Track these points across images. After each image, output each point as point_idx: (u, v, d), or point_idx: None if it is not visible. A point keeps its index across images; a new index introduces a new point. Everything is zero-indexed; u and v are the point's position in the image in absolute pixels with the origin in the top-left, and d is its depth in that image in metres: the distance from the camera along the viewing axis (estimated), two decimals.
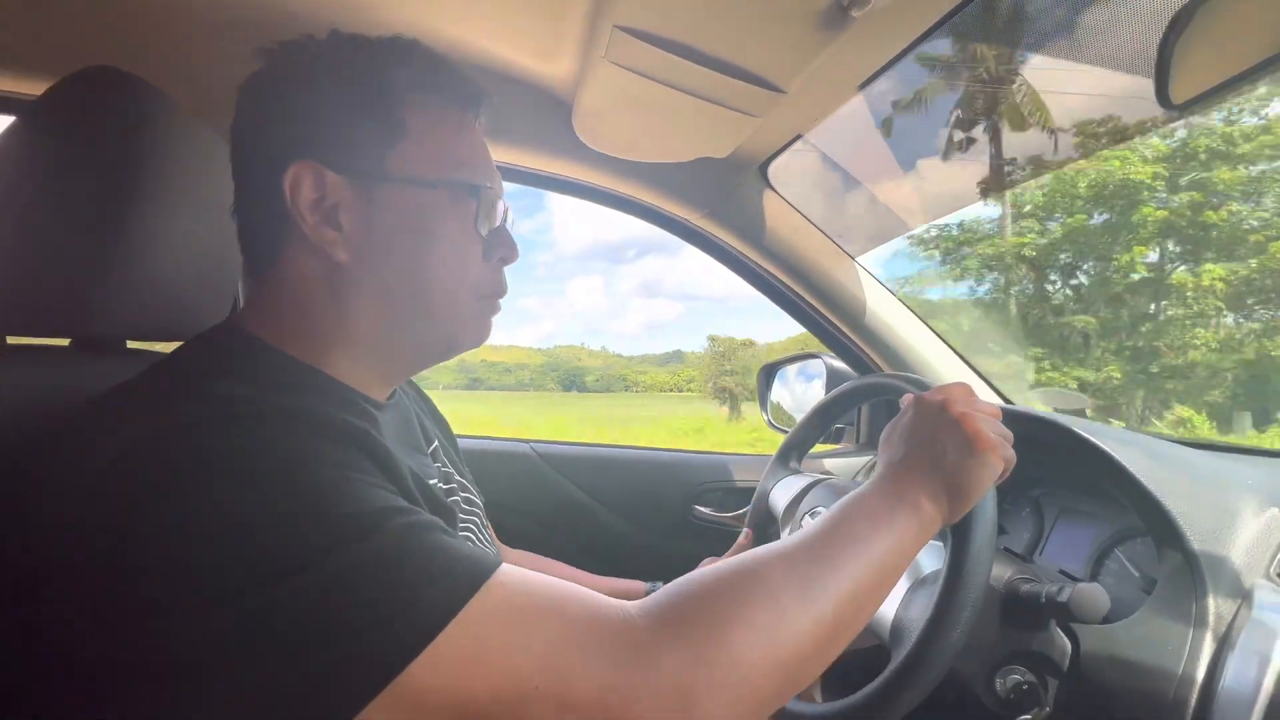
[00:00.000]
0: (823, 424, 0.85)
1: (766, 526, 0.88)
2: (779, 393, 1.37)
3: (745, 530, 0.87)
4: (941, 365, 1.10)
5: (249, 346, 0.47)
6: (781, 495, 0.81)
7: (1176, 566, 0.58)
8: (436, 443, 0.68)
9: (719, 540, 1.22)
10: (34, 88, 0.79)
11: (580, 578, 0.88)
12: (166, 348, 0.67)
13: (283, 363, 0.47)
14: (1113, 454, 0.64)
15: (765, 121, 0.77)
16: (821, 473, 0.80)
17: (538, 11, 0.67)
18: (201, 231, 0.59)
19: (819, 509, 0.71)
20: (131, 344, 0.61)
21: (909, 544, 0.47)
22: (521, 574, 0.38)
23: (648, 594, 0.85)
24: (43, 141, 0.52)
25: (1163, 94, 0.45)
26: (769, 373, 1.36)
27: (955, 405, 0.53)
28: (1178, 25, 0.44)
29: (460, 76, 0.52)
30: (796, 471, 0.83)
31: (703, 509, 1.22)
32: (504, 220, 0.55)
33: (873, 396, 0.69)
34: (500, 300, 0.56)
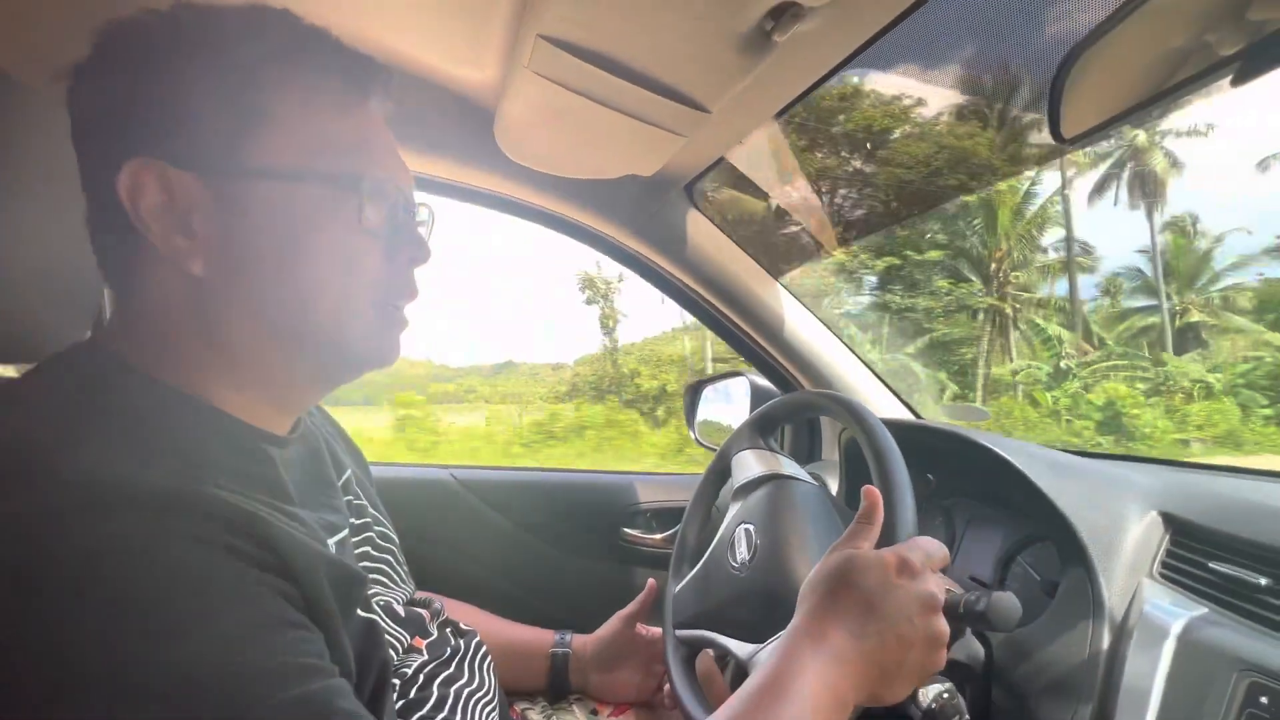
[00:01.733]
0: (794, 416, 0.82)
1: (719, 486, 0.84)
2: (705, 409, 1.38)
3: (649, 583, 0.84)
4: (859, 383, 1.14)
5: (117, 376, 0.40)
6: (743, 469, 0.78)
7: (1075, 569, 0.62)
8: (349, 472, 0.62)
9: (648, 563, 1.20)
10: None
11: (488, 624, 0.83)
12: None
13: (160, 396, 0.41)
14: (1019, 466, 0.67)
15: (690, 141, 0.77)
16: (778, 467, 0.75)
17: (459, 15, 0.64)
18: (56, 234, 0.51)
19: (751, 527, 0.70)
20: None
21: None
22: None
23: (556, 644, 0.82)
24: None
25: (1055, 130, 0.48)
26: (695, 390, 1.37)
27: (923, 586, 0.47)
28: (1066, 66, 0.47)
29: (339, 49, 0.45)
30: (770, 449, 0.78)
31: (631, 531, 1.20)
32: (409, 217, 0.48)
33: (846, 423, 0.65)
34: (407, 308, 0.49)
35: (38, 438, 0.34)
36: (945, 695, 0.63)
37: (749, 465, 0.78)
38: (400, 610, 0.61)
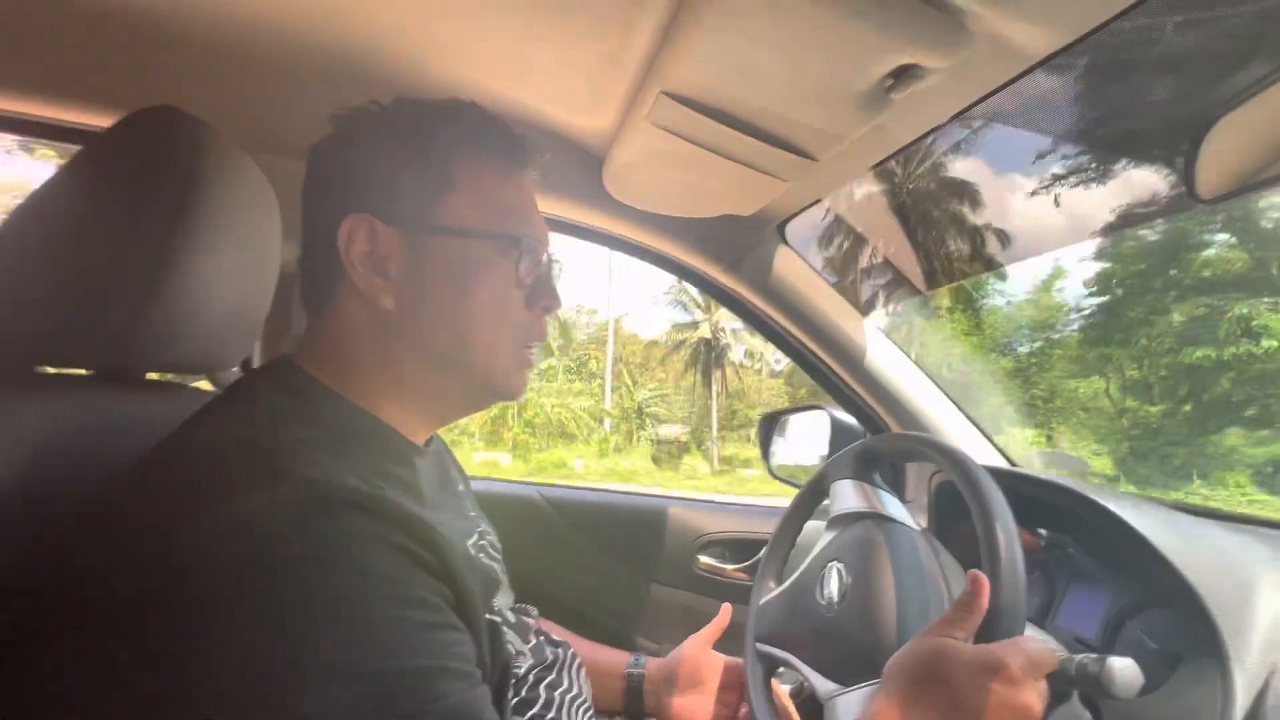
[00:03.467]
0: (900, 456, 0.77)
1: (811, 509, 0.83)
2: (781, 442, 1.37)
3: (724, 608, 0.84)
4: (948, 425, 1.12)
5: (308, 386, 0.48)
6: (841, 499, 0.76)
7: (1201, 644, 0.58)
8: (462, 485, 0.68)
9: (723, 592, 1.21)
10: (100, 119, 0.80)
11: (570, 642, 0.86)
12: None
13: (342, 409, 0.48)
14: (1135, 525, 0.65)
15: (791, 185, 0.80)
16: (878, 505, 0.73)
17: (588, 74, 0.69)
18: (238, 271, 0.59)
19: (843, 566, 0.70)
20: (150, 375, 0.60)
21: None
22: None
23: (631, 665, 0.84)
24: (100, 175, 0.53)
25: (1191, 189, 0.48)
26: (770, 422, 1.37)
27: (1022, 698, 0.44)
28: (1206, 125, 0.47)
29: (508, 133, 0.54)
30: (873, 484, 0.76)
31: (707, 559, 1.21)
32: (548, 270, 0.56)
33: (957, 481, 0.60)
34: (538, 349, 0.57)
35: (261, 441, 0.40)
36: None
37: (849, 496, 0.76)
38: (511, 616, 0.65)
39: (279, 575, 0.34)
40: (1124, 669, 0.50)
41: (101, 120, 0.81)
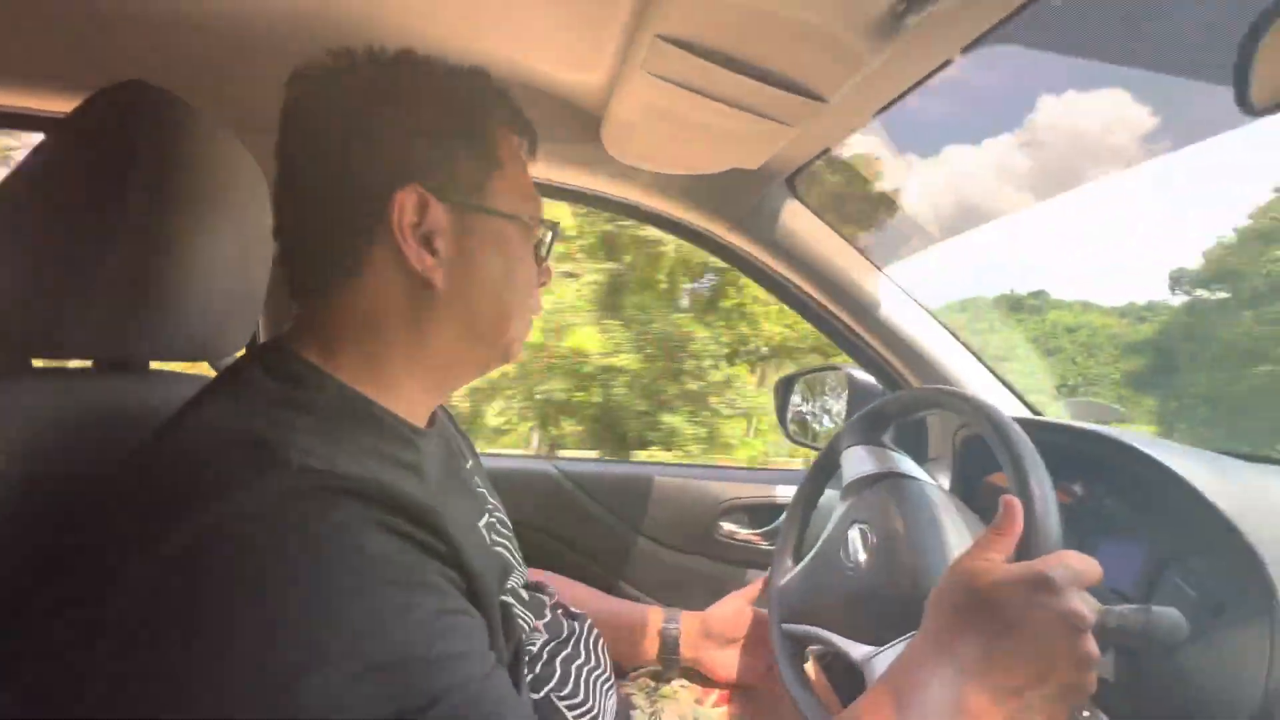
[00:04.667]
0: (912, 412, 0.76)
1: (824, 481, 0.82)
2: (798, 405, 1.34)
3: (762, 579, 0.83)
4: (969, 378, 1.08)
5: (305, 372, 0.46)
6: (854, 465, 0.75)
7: (1248, 585, 0.56)
8: (470, 462, 0.66)
9: (742, 558, 1.20)
10: (65, 105, 0.78)
11: (599, 601, 0.87)
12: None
13: (340, 392, 0.46)
14: (1173, 466, 0.62)
15: (797, 133, 0.75)
16: (892, 464, 0.72)
17: (576, 22, 0.65)
18: (230, 252, 0.57)
19: (867, 527, 0.68)
20: (154, 364, 0.59)
21: None
22: None
23: (667, 620, 0.84)
24: (71, 159, 0.51)
25: (1244, 99, 0.44)
26: (787, 385, 1.34)
27: (1068, 604, 0.42)
28: (1257, 30, 0.42)
29: (521, 111, 0.54)
30: (883, 445, 0.75)
31: (728, 525, 1.20)
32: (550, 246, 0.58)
33: (974, 422, 0.60)
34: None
35: (257, 430, 0.38)
36: (1085, 715, 0.59)
37: (861, 461, 0.75)
38: (524, 594, 0.65)
39: (281, 569, 0.33)
40: (1168, 617, 0.48)
41: (60, 106, 0.78)
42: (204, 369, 0.70)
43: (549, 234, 0.56)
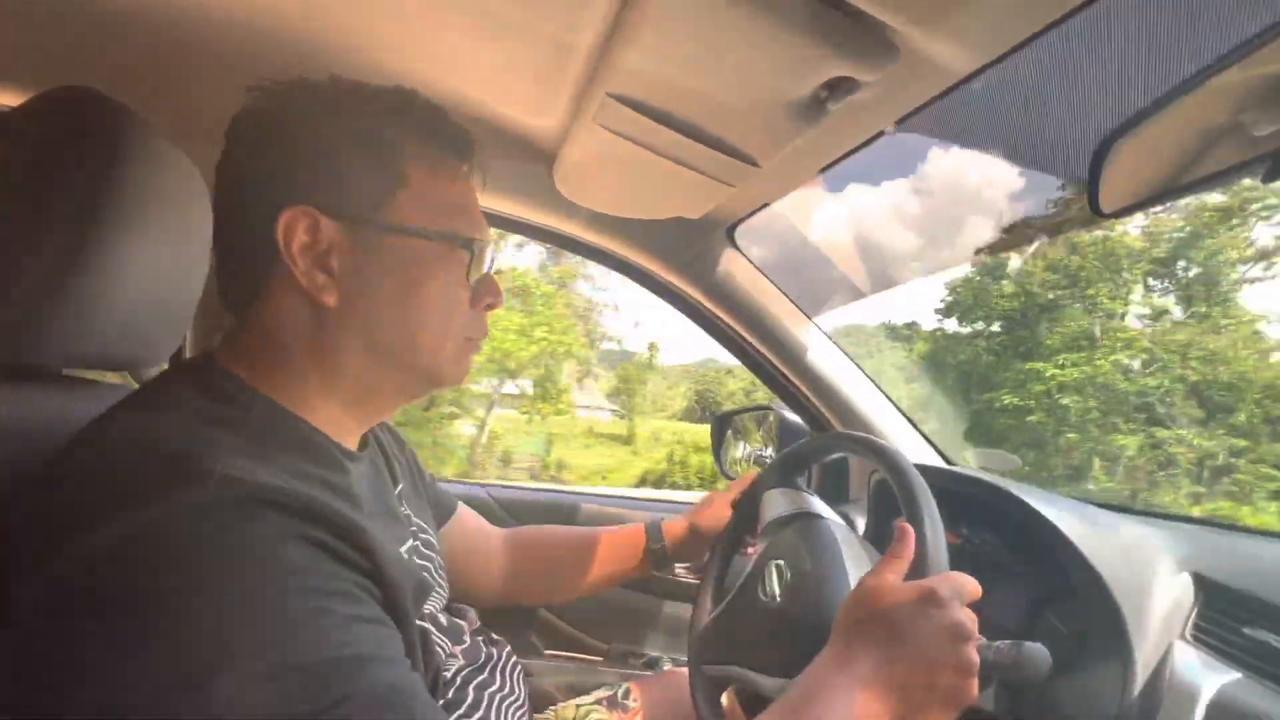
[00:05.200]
0: (821, 455, 0.82)
1: (746, 528, 0.87)
2: (733, 442, 1.39)
3: (747, 476, 0.87)
4: (889, 426, 1.16)
5: (236, 390, 0.46)
6: (772, 507, 0.80)
7: (1106, 625, 0.63)
8: (401, 486, 0.66)
9: (677, 593, 1.22)
10: (14, 100, 0.75)
11: (579, 535, 0.92)
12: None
13: (268, 412, 0.46)
14: (1051, 518, 0.69)
15: (736, 191, 0.81)
16: (805, 505, 0.78)
17: (535, 73, 0.69)
18: (162, 261, 0.57)
19: (782, 562, 0.72)
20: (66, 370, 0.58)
21: None
22: None
23: (652, 543, 0.88)
24: (6, 157, 0.50)
25: (1094, 203, 0.51)
26: (722, 422, 1.39)
27: (953, 615, 0.48)
28: (1104, 146, 0.50)
29: (456, 128, 0.53)
30: (797, 488, 0.81)
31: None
32: (490, 267, 0.56)
33: (874, 463, 0.67)
34: (480, 341, 0.57)
35: (179, 441, 0.39)
36: None
37: (777, 503, 0.79)
38: (443, 619, 0.65)
39: (196, 573, 0.34)
40: (1035, 651, 0.54)
41: (9, 99, 0.76)
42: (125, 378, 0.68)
43: (482, 257, 0.53)
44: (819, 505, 0.77)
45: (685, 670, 0.99)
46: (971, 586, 0.51)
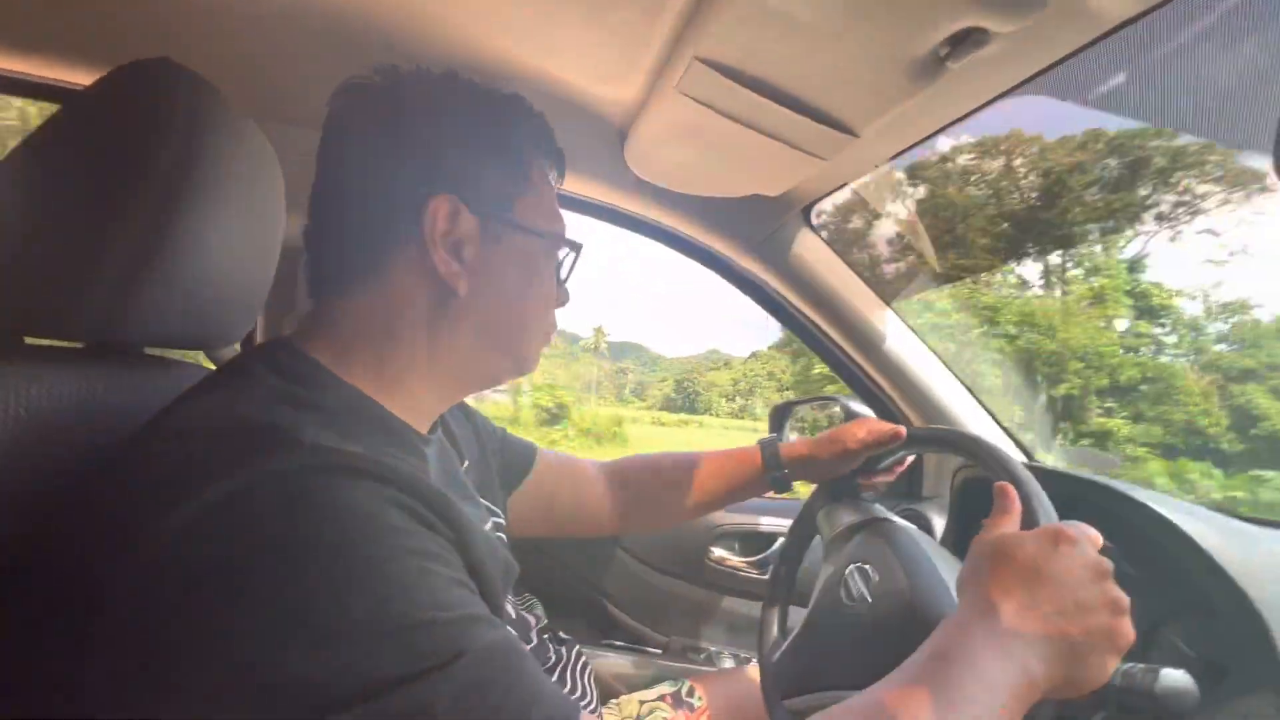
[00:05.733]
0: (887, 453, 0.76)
1: (804, 545, 0.83)
2: (794, 435, 1.34)
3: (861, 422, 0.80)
4: (969, 419, 1.08)
5: (311, 371, 0.45)
6: (834, 522, 0.76)
7: (1252, 650, 0.55)
8: (466, 461, 0.65)
9: (733, 585, 1.18)
10: (83, 78, 0.75)
11: (689, 457, 0.87)
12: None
13: (346, 393, 0.46)
14: (1187, 530, 0.62)
15: (823, 165, 0.75)
16: (875, 509, 0.75)
17: (617, 36, 0.65)
18: (239, 240, 0.55)
19: (867, 564, 0.68)
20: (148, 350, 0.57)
21: (1015, 710, 0.40)
22: None
23: (763, 455, 0.82)
24: (85, 134, 0.49)
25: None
26: (782, 413, 1.33)
27: (1089, 552, 0.45)
28: None
29: (553, 138, 0.56)
30: (855, 497, 0.78)
31: (718, 551, 1.18)
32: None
33: (966, 456, 0.63)
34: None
35: (261, 415, 0.38)
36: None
37: (840, 516, 0.76)
38: (511, 612, 0.63)
39: (296, 540, 0.33)
40: (1179, 680, 0.47)
41: (79, 78, 0.76)
42: (200, 359, 0.68)
43: (571, 255, 0.57)
44: (882, 511, 0.74)
45: (749, 669, 0.95)
46: (1095, 532, 0.47)
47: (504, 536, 0.67)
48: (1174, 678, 0.47)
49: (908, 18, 0.50)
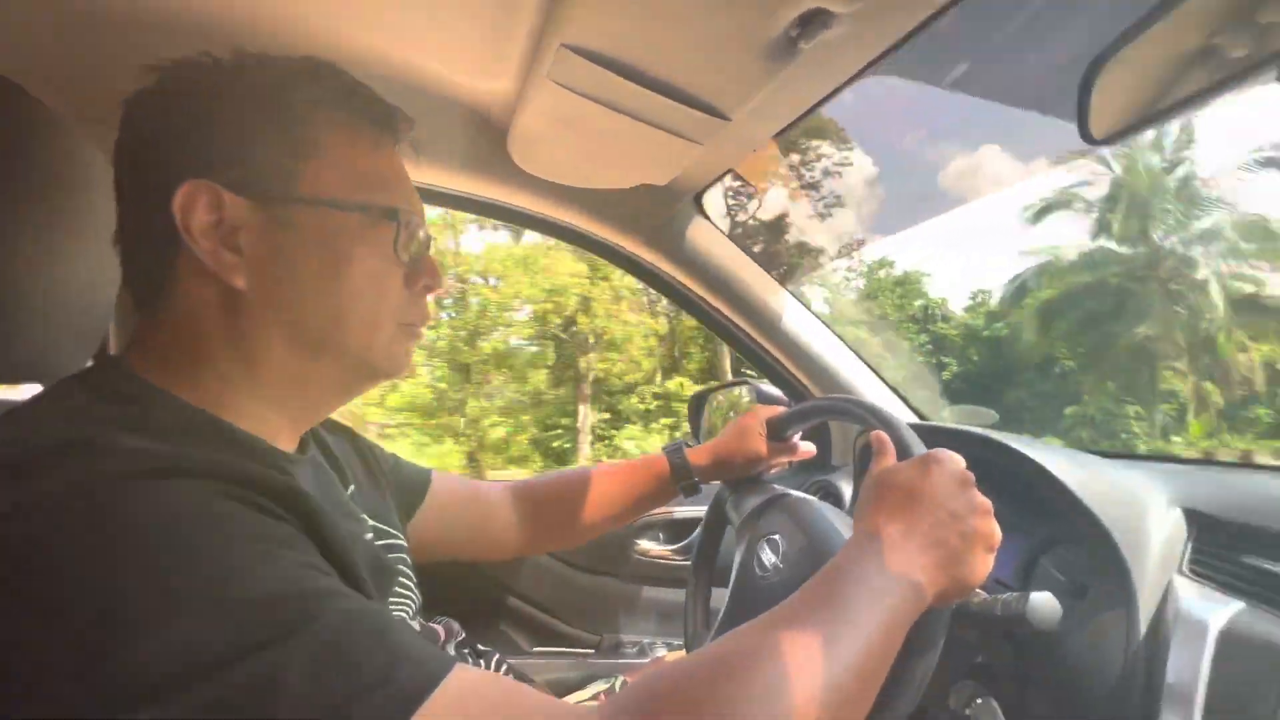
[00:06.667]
0: (786, 429, 0.81)
1: (718, 535, 0.86)
2: (711, 420, 1.37)
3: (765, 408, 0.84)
4: (867, 388, 1.15)
5: (140, 391, 0.41)
6: (740, 507, 0.79)
7: (1106, 568, 0.62)
8: (352, 486, 0.61)
9: (660, 576, 1.19)
10: None
11: (592, 473, 0.85)
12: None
13: (182, 411, 0.41)
14: (1046, 464, 0.68)
15: (703, 151, 0.77)
16: (776, 488, 0.78)
17: (480, 27, 0.63)
18: (73, 260, 0.50)
19: (775, 535, 0.70)
20: None
21: (905, 623, 0.44)
22: (475, 676, 0.34)
23: (670, 464, 0.82)
24: None
25: (1084, 129, 0.49)
26: (699, 400, 1.36)
27: (955, 467, 0.51)
28: (1096, 66, 0.48)
29: (377, 99, 0.50)
30: (755, 481, 0.81)
31: (643, 543, 1.18)
32: (427, 248, 0.52)
33: (843, 418, 0.70)
34: (422, 329, 0.53)
35: (63, 431, 0.35)
36: (978, 701, 0.62)
37: (746, 501, 0.80)
38: (414, 624, 0.60)
39: (126, 528, 0.31)
40: (1043, 602, 0.53)
41: None
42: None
43: (411, 229, 0.49)
44: (784, 488, 0.78)
45: (681, 655, 0.96)
46: (957, 456, 0.53)
47: (404, 554, 0.63)
48: (1040, 599, 0.53)
49: (757, 1, 0.52)
